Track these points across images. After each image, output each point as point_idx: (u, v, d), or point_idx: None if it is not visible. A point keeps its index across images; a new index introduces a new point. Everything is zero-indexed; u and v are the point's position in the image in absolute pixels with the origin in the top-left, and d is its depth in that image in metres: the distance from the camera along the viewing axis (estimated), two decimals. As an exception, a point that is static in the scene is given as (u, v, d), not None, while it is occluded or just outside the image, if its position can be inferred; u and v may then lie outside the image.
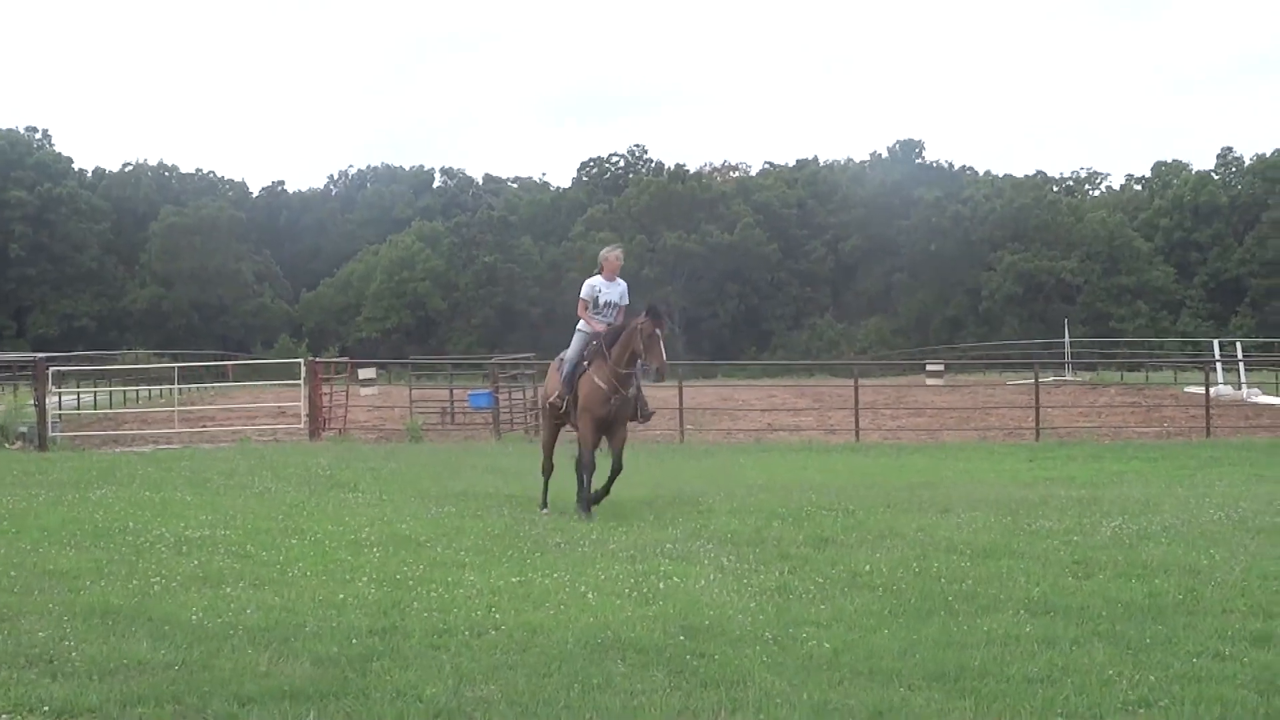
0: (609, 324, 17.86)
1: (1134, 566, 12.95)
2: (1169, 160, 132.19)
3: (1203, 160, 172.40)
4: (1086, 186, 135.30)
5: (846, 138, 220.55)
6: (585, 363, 17.85)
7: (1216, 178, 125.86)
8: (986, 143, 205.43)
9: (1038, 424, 35.26)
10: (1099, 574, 12.61)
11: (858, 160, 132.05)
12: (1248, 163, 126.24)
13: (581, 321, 18.05)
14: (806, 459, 29.38)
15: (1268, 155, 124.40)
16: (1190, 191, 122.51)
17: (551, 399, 18.36)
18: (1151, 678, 8.72)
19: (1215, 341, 60.11)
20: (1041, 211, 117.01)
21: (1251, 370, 53.90)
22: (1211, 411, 36.94)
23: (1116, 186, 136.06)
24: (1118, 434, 36.02)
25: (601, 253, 18.51)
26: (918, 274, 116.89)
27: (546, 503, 18.25)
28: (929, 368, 55.40)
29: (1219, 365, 50.61)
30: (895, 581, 12.15)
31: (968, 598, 11.41)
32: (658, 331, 17.38)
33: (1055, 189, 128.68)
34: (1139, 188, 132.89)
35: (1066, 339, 69.22)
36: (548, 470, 18.67)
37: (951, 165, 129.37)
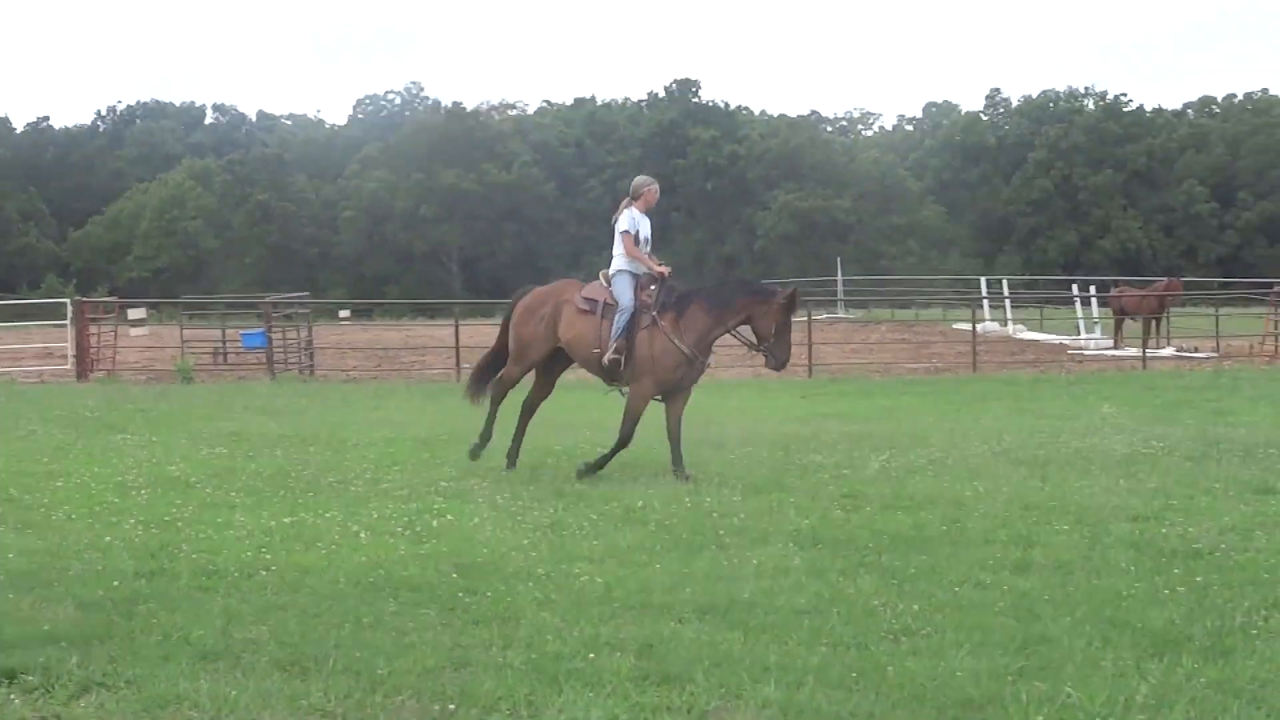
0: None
1: (901, 499, 13.23)
2: (939, 101, 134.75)
3: (972, 101, 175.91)
4: (860, 127, 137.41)
5: (624, 77, 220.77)
6: (653, 313, 15.50)
7: (985, 119, 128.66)
8: (762, 83, 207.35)
9: (810, 361, 35.70)
10: (867, 507, 12.85)
11: (635, 100, 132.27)
12: (1015, 104, 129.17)
13: (625, 259, 15.80)
14: (581, 396, 29.37)
15: (1034, 96, 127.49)
16: (960, 132, 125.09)
17: (609, 355, 15.43)
18: (915, 607, 8.92)
19: (983, 279, 61.51)
20: (815, 151, 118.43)
21: (1017, 307, 55.26)
22: (978, 348, 37.83)
23: (889, 127, 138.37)
24: (888, 370, 36.68)
25: (640, 182, 16.33)
26: (694, 213, 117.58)
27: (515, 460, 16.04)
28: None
29: (986, 302, 51.82)
30: (668, 517, 12.25)
31: (739, 531, 11.56)
32: (791, 320, 15.80)
33: (829, 129, 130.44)
34: (910, 128, 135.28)
35: (839, 277, 70.28)
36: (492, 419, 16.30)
37: (727, 105, 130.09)
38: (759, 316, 15.49)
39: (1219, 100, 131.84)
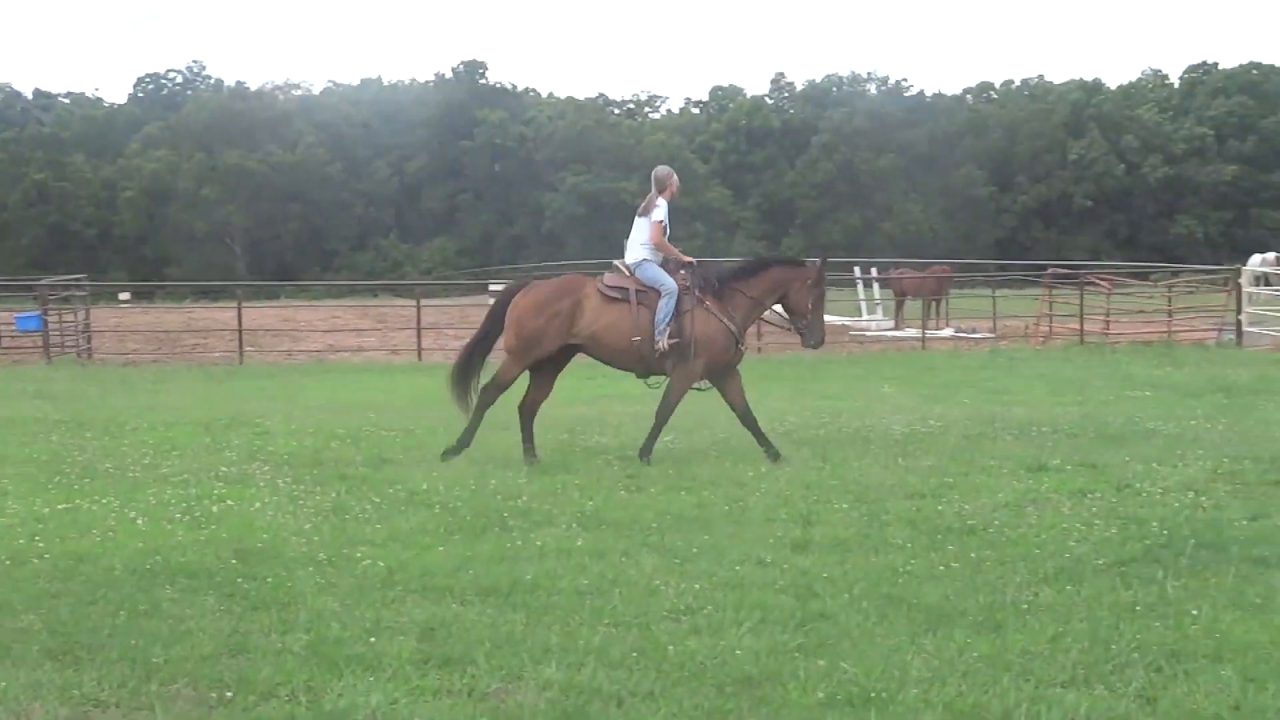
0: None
1: (684, 479, 13.34)
2: (725, 85, 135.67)
3: (757, 85, 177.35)
4: (646, 109, 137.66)
5: (410, 58, 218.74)
6: (695, 294, 15.42)
7: (770, 102, 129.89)
8: (549, 65, 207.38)
9: (598, 342, 35.79)
10: (650, 487, 12.93)
11: (422, 80, 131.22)
12: (799, 88, 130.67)
13: (648, 248, 15.65)
14: (369, 379, 29.24)
15: (818, 81, 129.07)
16: (745, 115, 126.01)
17: (665, 340, 15.22)
18: (696, 586, 9.00)
19: (768, 261, 61.93)
20: (603, 134, 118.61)
21: (801, 289, 55.67)
22: (764, 329, 38.18)
23: (675, 110, 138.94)
24: (675, 352, 36.88)
25: (666, 173, 16.21)
26: (482, 195, 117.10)
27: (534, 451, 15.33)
28: (492, 288, 55.54)
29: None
30: (452, 499, 12.22)
31: (522, 514, 11.56)
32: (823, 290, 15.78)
33: (616, 112, 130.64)
34: (696, 111, 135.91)
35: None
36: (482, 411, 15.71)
37: (515, 87, 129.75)
38: (794, 291, 15.66)
39: (997, 86, 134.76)
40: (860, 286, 50.06)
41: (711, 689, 7.02)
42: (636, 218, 15.95)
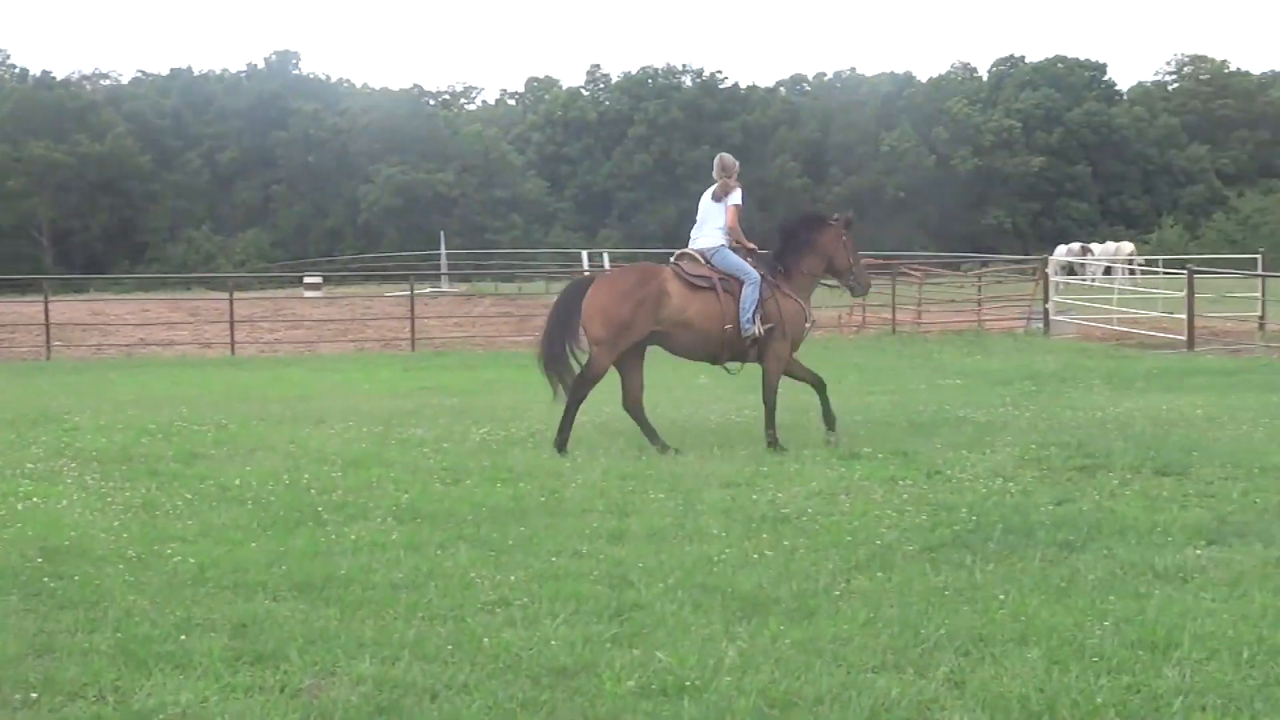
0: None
1: (501, 471, 13.31)
2: (541, 76, 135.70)
3: (573, 77, 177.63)
4: (462, 100, 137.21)
5: (221, 48, 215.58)
6: (770, 278, 15.78)
7: (586, 94, 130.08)
8: (363, 56, 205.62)
9: (413, 335, 35.71)
10: (467, 480, 12.89)
11: (233, 71, 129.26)
12: (615, 80, 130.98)
13: (725, 233, 15.90)
14: (181, 374, 28.83)
15: (634, 73, 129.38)
16: (561, 107, 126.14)
17: (760, 328, 15.53)
18: (512, 577, 8.98)
19: (584, 253, 62.30)
20: (418, 124, 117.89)
21: (618, 280, 55.82)
22: (580, 320, 38.22)
23: (491, 101, 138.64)
24: (491, 343, 36.85)
25: (733, 160, 16.64)
26: (296, 186, 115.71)
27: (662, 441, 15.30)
28: (307, 280, 55.15)
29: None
30: (265, 494, 12.07)
31: (337, 507, 11.45)
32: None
33: (431, 103, 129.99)
34: (513, 102, 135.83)
35: (443, 251, 70.18)
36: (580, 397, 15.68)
37: (328, 78, 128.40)
38: (835, 252, 16.29)
39: (810, 79, 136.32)
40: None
41: (526, 680, 7.02)
42: (710, 202, 16.21)
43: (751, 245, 16.07)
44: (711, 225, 15.98)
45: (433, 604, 8.40)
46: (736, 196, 16.10)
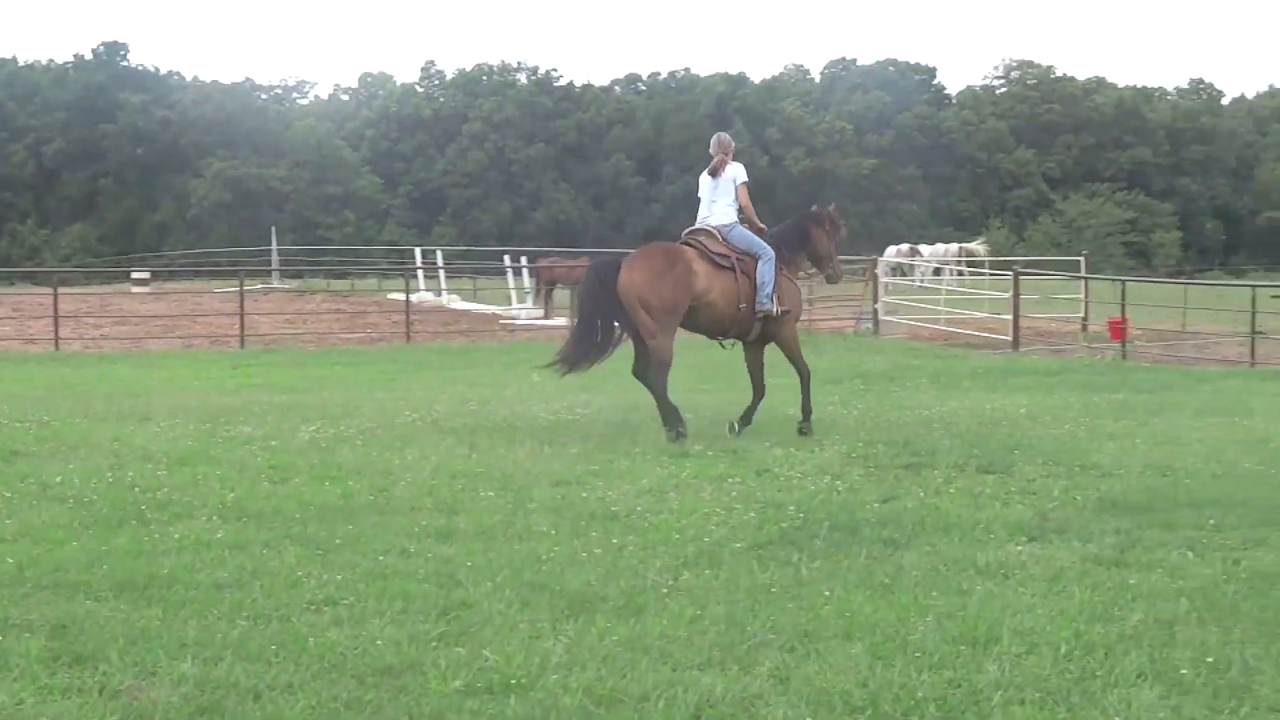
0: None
1: (329, 469, 13.19)
2: (375, 72, 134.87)
3: (407, 73, 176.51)
4: (295, 95, 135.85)
5: (48, 39, 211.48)
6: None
7: (421, 90, 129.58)
8: (193, 48, 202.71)
9: (243, 331, 35.31)
10: (295, 478, 12.75)
11: (60, 62, 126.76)
12: (450, 76, 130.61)
13: (736, 210, 16.22)
14: (2, 370, 28.22)
15: (469, 70, 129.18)
16: (395, 103, 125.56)
17: (779, 307, 16.12)
18: (339, 576, 8.90)
19: (418, 250, 62.01)
20: (250, 119, 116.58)
21: (451, 278, 55.84)
22: (412, 317, 38.12)
23: (324, 96, 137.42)
24: (323, 340, 36.58)
25: (729, 137, 16.88)
26: (124, 180, 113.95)
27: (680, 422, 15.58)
28: (135, 275, 54.25)
29: (420, 273, 52.23)
30: (87, 493, 11.83)
31: (161, 506, 11.27)
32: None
33: (264, 97, 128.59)
34: (346, 98, 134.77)
35: (274, 246, 69.48)
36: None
37: (158, 70, 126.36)
38: (818, 240, 16.84)
39: (644, 78, 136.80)
40: (510, 275, 50.24)
41: (351, 680, 6.96)
42: (710, 179, 16.30)
43: (761, 225, 16.42)
44: (723, 202, 16.17)
45: (257, 603, 8.30)
46: (742, 174, 16.31)
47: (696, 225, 16.32)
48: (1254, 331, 30.78)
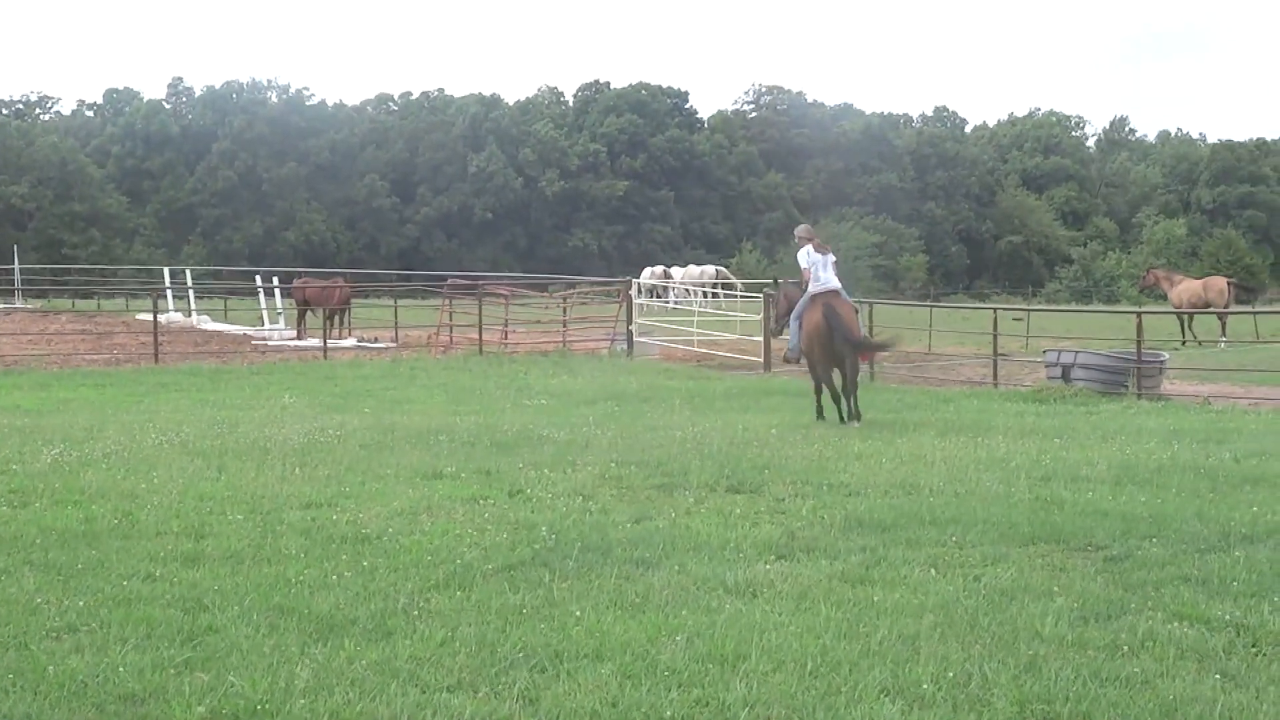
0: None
1: (72, 493, 12.89)
2: (121, 88, 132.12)
3: (154, 89, 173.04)
4: (38, 111, 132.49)
5: None
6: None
7: (168, 107, 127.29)
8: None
9: (-13, 353, 34.35)
10: (36, 502, 12.45)
11: None
12: (198, 94, 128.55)
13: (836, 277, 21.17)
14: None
15: (218, 87, 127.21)
16: (142, 120, 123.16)
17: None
18: (81, 603, 8.69)
19: (166, 269, 60.90)
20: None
21: (201, 298, 54.93)
22: (161, 338, 37.34)
23: (68, 112, 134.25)
24: (67, 361, 35.63)
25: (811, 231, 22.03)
26: None
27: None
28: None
29: (169, 292, 51.26)
30: None
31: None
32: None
33: (4, 112, 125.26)
34: (91, 114, 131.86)
35: (17, 266, 67.61)
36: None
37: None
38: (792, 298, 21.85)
39: (396, 98, 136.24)
40: (262, 295, 49.57)
41: (92, 708, 6.80)
42: (818, 255, 20.88)
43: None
44: (829, 273, 20.72)
45: (-21, 632, 8.07)
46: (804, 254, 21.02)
47: (828, 288, 20.67)
48: (996, 353, 31.62)
